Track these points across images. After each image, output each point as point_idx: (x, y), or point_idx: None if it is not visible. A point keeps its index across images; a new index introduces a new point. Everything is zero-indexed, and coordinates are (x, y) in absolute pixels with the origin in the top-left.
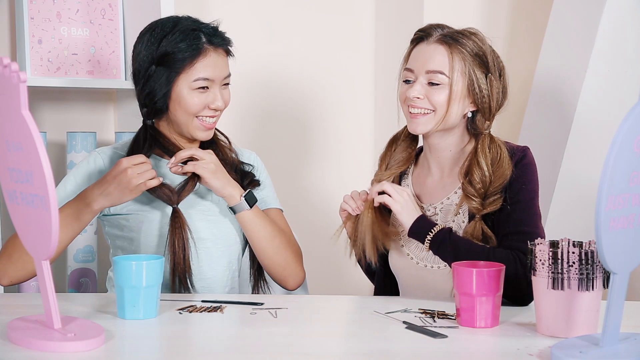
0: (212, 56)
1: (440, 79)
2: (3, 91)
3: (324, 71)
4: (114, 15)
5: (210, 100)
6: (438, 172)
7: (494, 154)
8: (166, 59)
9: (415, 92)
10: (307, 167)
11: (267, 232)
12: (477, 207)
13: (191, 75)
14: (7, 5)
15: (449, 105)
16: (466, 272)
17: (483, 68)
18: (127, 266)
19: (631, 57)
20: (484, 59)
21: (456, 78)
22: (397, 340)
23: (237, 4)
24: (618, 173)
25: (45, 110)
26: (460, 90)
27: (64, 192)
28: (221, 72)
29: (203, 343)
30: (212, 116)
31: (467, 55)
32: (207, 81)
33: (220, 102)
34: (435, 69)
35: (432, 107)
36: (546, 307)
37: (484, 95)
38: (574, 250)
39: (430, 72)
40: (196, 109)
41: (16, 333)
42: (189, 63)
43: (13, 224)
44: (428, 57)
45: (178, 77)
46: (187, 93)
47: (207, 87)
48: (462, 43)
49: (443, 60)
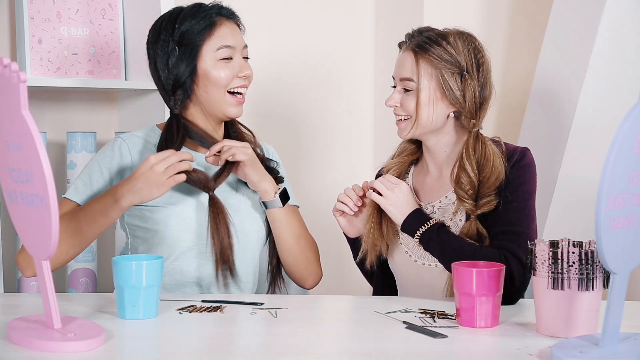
0: (227, 25)
1: (411, 85)
2: (3, 91)
3: (324, 71)
4: (114, 15)
5: (237, 70)
6: (436, 171)
7: (479, 153)
8: (185, 37)
9: (392, 101)
10: (306, 167)
11: (295, 230)
12: (471, 209)
13: (213, 44)
14: (7, 5)
15: (418, 110)
16: (466, 272)
17: (454, 68)
18: (127, 266)
19: (631, 57)
20: (453, 61)
21: (423, 84)
22: (397, 340)
23: (237, 3)
24: (618, 173)
25: (45, 110)
26: (430, 94)
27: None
28: (240, 41)
29: (203, 343)
30: (243, 86)
31: (433, 59)
32: (229, 49)
33: (249, 70)
34: (405, 76)
35: (407, 113)
36: (546, 307)
37: (456, 95)
38: (574, 250)
39: (403, 80)
40: (225, 81)
41: (16, 333)
42: (207, 35)
43: (13, 224)
44: (401, 64)
45: (200, 51)
46: (213, 66)
47: (231, 58)
48: (427, 49)
49: (411, 66)
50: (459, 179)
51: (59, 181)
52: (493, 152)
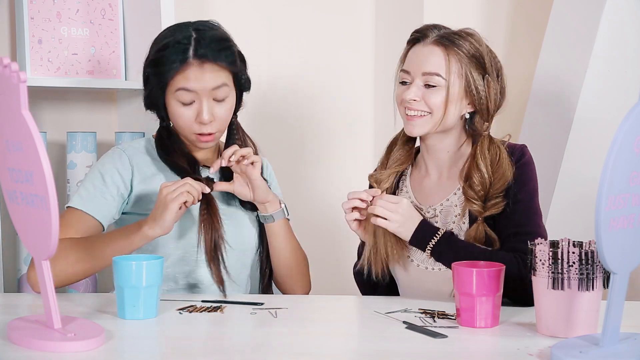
0: (195, 69)
1: (436, 81)
2: (3, 91)
3: (324, 71)
4: (114, 15)
5: (195, 116)
6: (436, 173)
7: (493, 155)
8: (157, 66)
9: (412, 95)
10: (305, 167)
11: (292, 245)
12: (479, 210)
13: (173, 86)
14: (7, 5)
15: (446, 107)
16: (466, 272)
17: (480, 69)
18: (127, 266)
19: (631, 57)
20: (480, 60)
21: (453, 80)
22: (397, 340)
23: (237, 3)
24: (618, 173)
25: (45, 110)
26: (457, 92)
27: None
28: (207, 84)
29: (203, 343)
30: (204, 134)
31: (463, 56)
32: (189, 93)
33: (206, 115)
34: (432, 70)
35: (428, 109)
36: (546, 307)
37: (481, 96)
38: (574, 250)
39: (427, 74)
40: (185, 122)
41: (16, 333)
42: (171, 75)
43: (13, 224)
44: (424, 58)
45: (166, 86)
46: (174, 104)
47: (193, 101)
48: (459, 44)
49: (439, 62)
50: (470, 179)
51: (59, 181)
52: (505, 155)
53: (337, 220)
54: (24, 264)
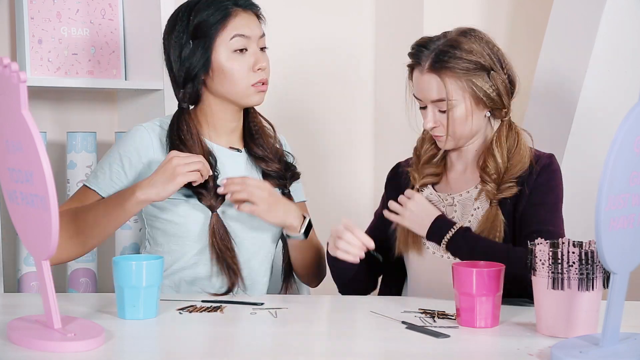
0: (242, 16)
1: (444, 105)
2: (3, 91)
3: (324, 71)
4: (114, 15)
5: (252, 62)
6: (461, 166)
7: (511, 142)
8: (199, 29)
9: (430, 123)
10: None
11: (312, 253)
12: (492, 192)
13: (226, 35)
14: (7, 5)
15: (465, 121)
16: (466, 272)
17: (481, 71)
18: (127, 266)
19: (631, 57)
20: (478, 64)
21: (458, 99)
22: (397, 340)
23: None
24: (618, 173)
25: (45, 110)
26: (469, 105)
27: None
28: (256, 31)
29: (203, 343)
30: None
31: (459, 73)
32: (244, 38)
33: (264, 62)
34: (436, 97)
35: (445, 132)
36: (546, 307)
37: (492, 97)
38: (574, 250)
39: (434, 102)
40: (239, 74)
41: (16, 333)
42: (222, 26)
43: (13, 224)
44: (426, 88)
45: (214, 43)
46: (227, 59)
47: (245, 49)
48: (450, 66)
49: (440, 87)
50: (485, 165)
51: (59, 181)
52: (525, 142)
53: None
54: (24, 264)
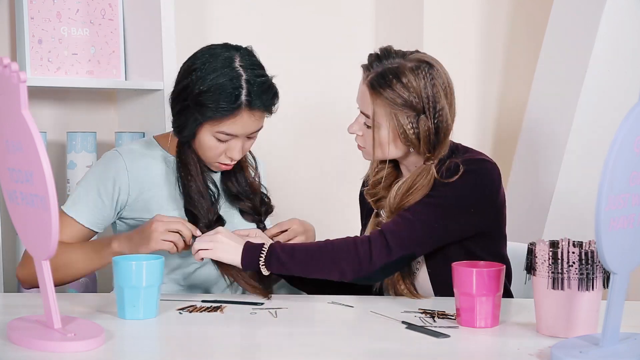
0: (243, 117)
1: (369, 121)
2: (3, 91)
3: (324, 71)
4: (114, 15)
5: (227, 150)
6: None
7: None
8: (199, 104)
9: (352, 129)
10: (305, 167)
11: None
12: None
13: (216, 127)
14: (7, 5)
15: (374, 147)
16: (466, 272)
17: (409, 111)
18: (127, 266)
19: (631, 57)
20: (408, 103)
21: (380, 124)
22: (397, 340)
23: (237, 5)
24: (618, 173)
25: (45, 110)
26: (386, 134)
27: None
28: (248, 130)
29: (203, 343)
30: (227, 164)
31: (388, 102)
32: (230, 136)
33: (237, 154)
34: (364, 111)
35: (363, 144)
36: (546, 307)
37: (410, 137)
38: (574, 250)
39: (362, 113)
40: (212, 155)
41: (16, 333)
42: (217, 119)
43: (13, 224)
44: (360, 95)
45: (204, 123)
46: (209, 139)
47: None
48: (382, 91)
49: (368, 104)
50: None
51: (59, 181)
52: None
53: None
54: None
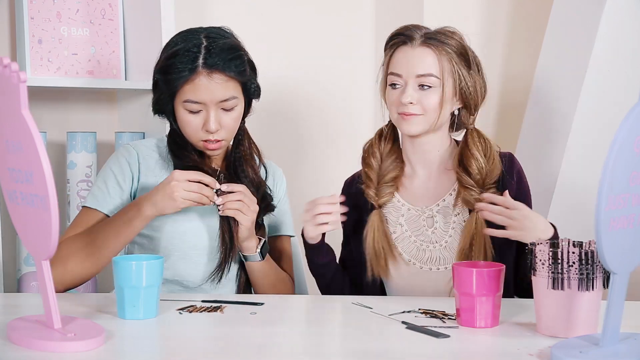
0: (202, 80)
1: (432, 81)
2: (3, 91)
3: (324, 71)
4: (114, 15)
5: (201, 123)
6: (425, 173)
7: (484, 145)
8: (167, 73)
9: (409, 97)
10: (305, 167)
11: (270, 279)
12: (477, 198)
13: (182, 96)
14: (7, 5)
15: (442, 107)
16: (466, 272)
17: (467, 65)
18: (127, 266)
19: (631, 57)
20: (466, 57)
21: (446, 79)
22: (397, 341)
23: (237, 4)
24: (618, 173)
25: (45, 110)
26: (450, 90)
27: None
28: (213, 95)
29: (203, 343)
30: (210, 140)
31: (453, 54)
32: (196, 104)
33: (213, 125)
34: (427, 72)
35: (422, 111)
36: (546, 307)
37: (470, 92)
38: (574, 250)
39: (421, 76)
40: (191, 130)
41: (16, 333)
42: (181, 84)
43: (13, 224)
44: (416, 60)
45: (175, 96)
46: (182, 112)
47: (201, 110)
48: (447, 43)
49: (433, 62)
50: (468, 166)
51: (59, 181)
52: (494, 148)
53: None
54: (24, 264)
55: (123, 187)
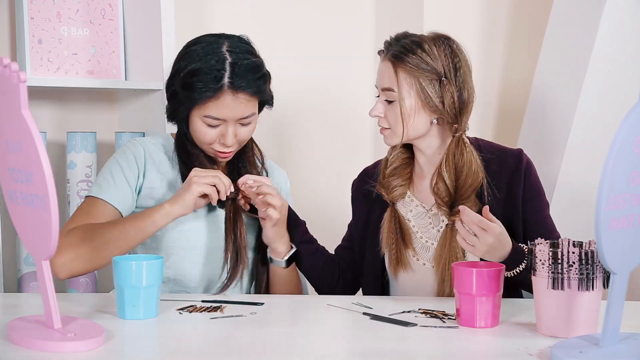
0: (227, 99)
1: (392, 95)
2: (3, 91)
3: (324, 71)
4: (114, 15)
5: (220, 135)
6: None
7: (458, 159)
8: (185, 88)
9: (375, 111)
10: (305, 167)
11: (289, 285)
12: (446, 215)
13: (203, 111)
14: (7, 5)
15: (403, 121)
16: (466, 272)
17: (432, 75)
18: (127, 266)
19: (631, 57)
20: (430, 67)
21: (404, 93)
22: (396, 341)
23: (237, 4)
24: (618, 173)
25: (45, 110)
26: (412, 104)
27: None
28: (235, 114)
29: (203, 343)
30: (223, 152)
31: (410, 68)
32: (218, 120)
33: (231, 139)
34: (386, 86)
35: (388, 124)
36: (546, 307)
37: (435, 103)
38: (574, 250)
39: (384, 90)
40: (207, 140)
41: (16, 333)
42: (204, 102)
43: (13, 224)
44: (380, 74)
45: (193, 108)
46: (200, 124)
47: (220, 124)
48: (404, 58)
49: (390, 76)
50: (437, 187)
51: (59, 181)
52: (472, 157)
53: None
54: (24, 264)
55: (129, 180)
